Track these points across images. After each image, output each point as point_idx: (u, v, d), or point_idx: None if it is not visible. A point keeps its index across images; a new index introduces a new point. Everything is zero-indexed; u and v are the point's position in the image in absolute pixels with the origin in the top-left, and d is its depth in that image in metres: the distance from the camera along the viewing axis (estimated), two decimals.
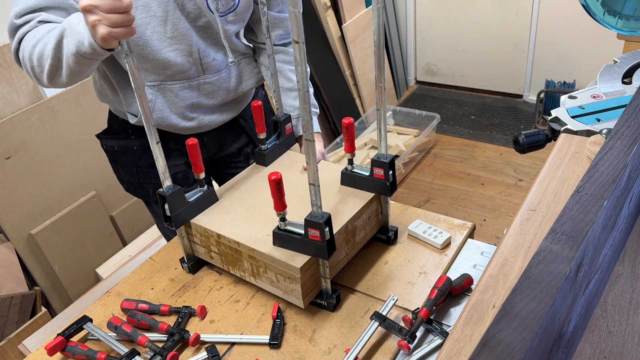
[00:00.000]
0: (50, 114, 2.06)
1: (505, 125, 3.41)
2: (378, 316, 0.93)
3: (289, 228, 0.96)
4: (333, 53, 3.15)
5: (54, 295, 2.17)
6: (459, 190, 2.87)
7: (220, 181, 1.49)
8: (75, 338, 1.00)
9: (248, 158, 1.45)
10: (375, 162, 1.04)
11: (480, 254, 1.11)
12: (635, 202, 0.79)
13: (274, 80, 1.24)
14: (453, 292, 1.00)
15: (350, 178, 1.11)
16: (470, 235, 1.17)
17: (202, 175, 1.09)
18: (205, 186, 1.11)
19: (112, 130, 1.33)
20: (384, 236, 1.15)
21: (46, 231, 2.08)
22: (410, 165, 3.05)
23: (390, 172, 1.04)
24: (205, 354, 0.95)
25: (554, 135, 1.23)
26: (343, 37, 3.16)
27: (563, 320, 0.54)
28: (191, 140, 1.06)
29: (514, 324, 0.43)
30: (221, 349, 0.96)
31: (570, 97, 1.29)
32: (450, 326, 0.95)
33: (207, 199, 1.11)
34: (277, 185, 0.89)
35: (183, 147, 1.31)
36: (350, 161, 1.10)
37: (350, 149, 1.06)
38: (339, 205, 1.06)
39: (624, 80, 1.33)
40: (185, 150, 1.30)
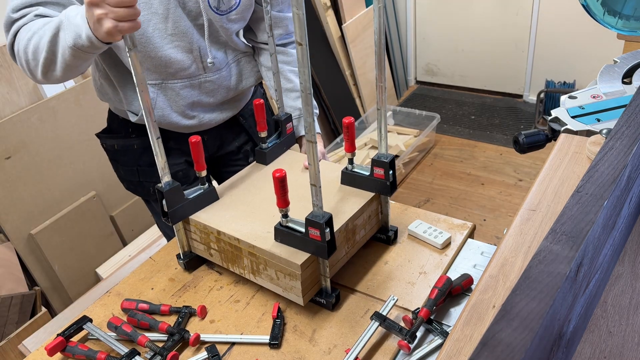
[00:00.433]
0: (50, 114, 2.06)
1: (505, 125, 3.41)
2: (378, 316, 0.93)
3: (291, 225, 0.96)
4: (333, 53, 3.15)
5: (54, 295, 2.17)
6: (459, 190, 2.87)
7: (219, 180, 1.49)
8: (75, 338, 1.00)
9: (247, 156, 1.46)
10: (375, 162, 1.05)
11: (480, 254, 1.11)
12: (635, 202, 0.79)
13: (276, 79, 1.24)
14: (453, 292, 1.00)
15: (350, 177, 1.11)
16: (470, 235, 1.17)
17: (204, 172, 1.09)
18: (207, 184, 1.11)
19: (112, 129, 1.33)
20: (384, 236, 1.15)
21: (46, 231, 2.08)
22: (410, 165, 3.05)
23: (391, 172, 1.04)
24: (205, 354, 0.95)
25: (554, 135, 1.23)
26: (343, 37, 3.16)
27: (563, 320, 0.54)
28: (194, 138, 1.06)
29: (514, 324, 0.43)
30: (221, 349, 0.96)
31: (570, 97, 1.29)
32: (450, 326, 0.95)
33: (208, 197, 1.11)
34: (281, 183, 0.90)
35: (183, 146, 1.31)
36: (351, 161, 1.10)
37: (350, 148, 1.06)
38: (339, 204, 1.06)
39: (624, 80, 1.33)
40: (186, 149, 1.31)
